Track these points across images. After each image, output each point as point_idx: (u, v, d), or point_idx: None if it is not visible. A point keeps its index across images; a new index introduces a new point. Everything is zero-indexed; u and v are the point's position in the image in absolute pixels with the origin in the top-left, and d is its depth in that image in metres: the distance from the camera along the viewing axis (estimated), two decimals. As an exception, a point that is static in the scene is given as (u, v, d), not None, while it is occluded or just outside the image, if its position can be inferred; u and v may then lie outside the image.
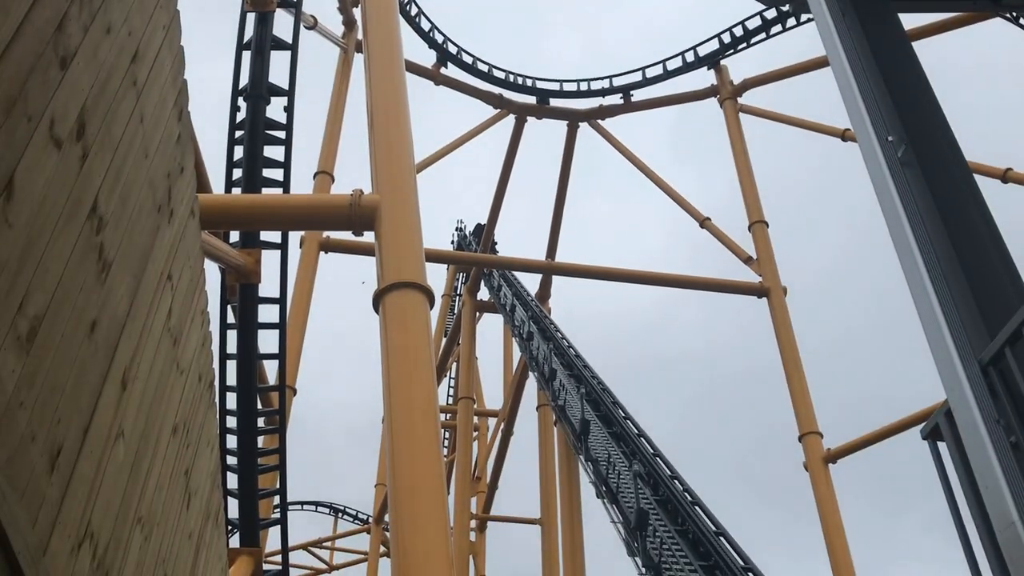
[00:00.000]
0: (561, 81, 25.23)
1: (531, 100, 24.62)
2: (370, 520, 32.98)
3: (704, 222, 23.42)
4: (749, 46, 24.44)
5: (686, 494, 15.44)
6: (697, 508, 14.96)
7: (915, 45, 5.45)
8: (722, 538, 14.07)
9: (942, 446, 3.86)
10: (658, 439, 17.47)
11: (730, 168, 23.97)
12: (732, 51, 24.81)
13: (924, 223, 4.04)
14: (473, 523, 27.77)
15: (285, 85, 11.56)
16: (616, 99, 25.14)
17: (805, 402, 19.50)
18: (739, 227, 23.06)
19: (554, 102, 24.75)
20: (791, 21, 23.16)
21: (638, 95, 25.28)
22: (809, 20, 22.22)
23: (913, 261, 3.84)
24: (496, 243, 30.14)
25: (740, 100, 24.83)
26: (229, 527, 10.81)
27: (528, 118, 24.43)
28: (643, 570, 13.29)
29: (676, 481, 15.95)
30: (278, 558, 13.31)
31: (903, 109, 4.50)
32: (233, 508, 10.92)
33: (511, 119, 24.48)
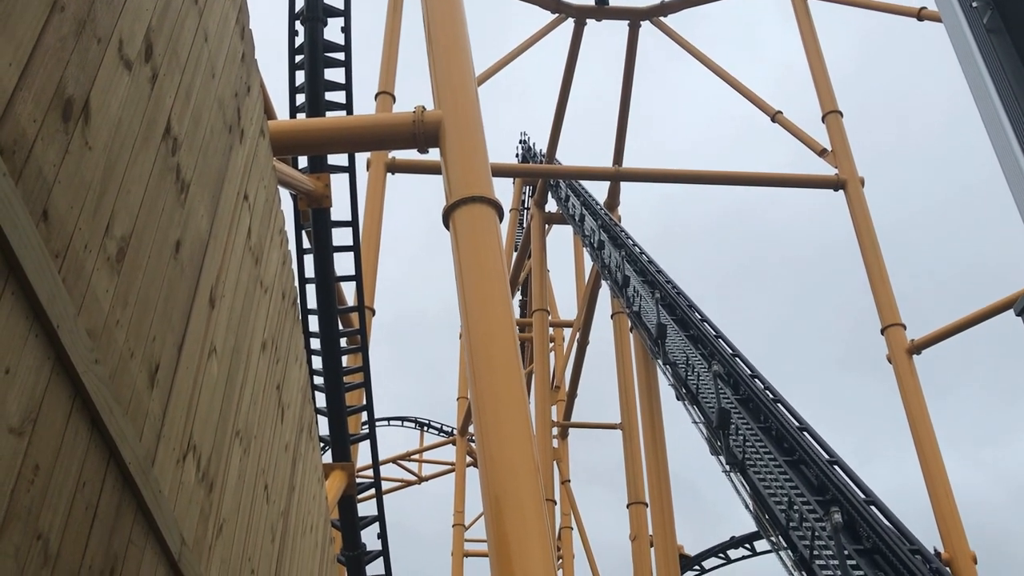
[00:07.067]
0: (619, -21, 24.43)
1: (589, 1, 23.92)
2: (455, 432, 33.86)
3: (775, 115, 22.73)
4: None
5: (767, 392, 15.40)
6: (779, 405, 14.92)
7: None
8: (806, 433, 14.04)
9: (1037, 323, 3.73)
10: (744, 339, 17.41)
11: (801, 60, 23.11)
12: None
13: (1015, 95, 3.83)
14: (555, 431, 28.27)
15: (340, 5, 11.45)
16: (678, -7, 24.28)
17: (887, 294, 19.10)
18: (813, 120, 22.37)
19: (613, 1, 24.02)
20: None
21: (701, -13, 24.36)
22: None
23: (1004, 134, 3.65)
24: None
25: (808, -15, 23.74)
26: (321, 444, 11.21)
27: (587, 20, 23.78)
28: (727, 467, 13.39)
29: (757, 380, 15.90)
30: (370, 472, 13.80)
31: (988, -28, 4.22)
32: (323, 428, 11.30)
33: (570, 23, 23.88)
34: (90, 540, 2.04)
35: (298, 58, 11.30)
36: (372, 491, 13.24)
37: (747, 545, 26.67)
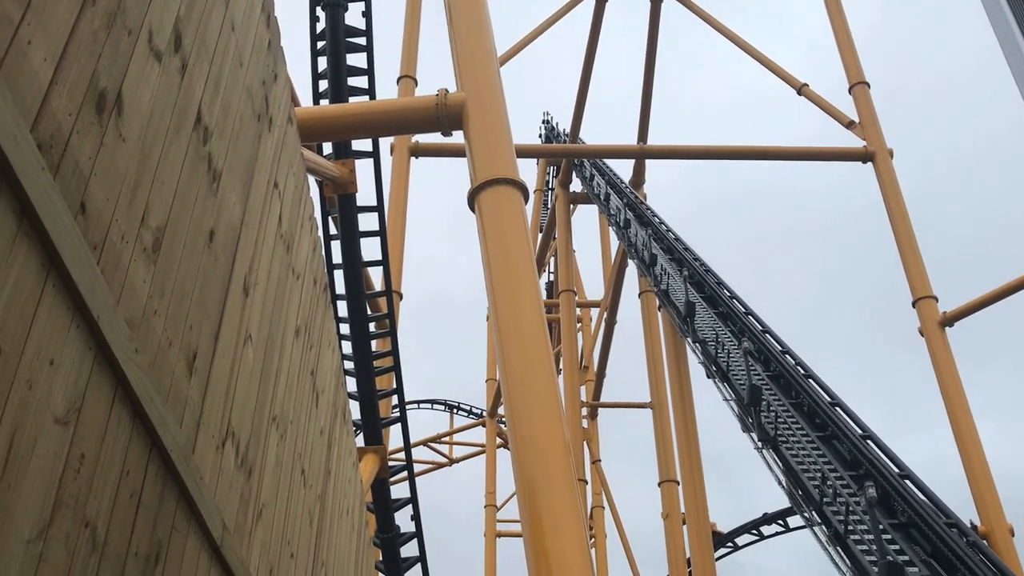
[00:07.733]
0: (640, -46, 24.14)
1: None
2: (484, 414, 34.00)
3: (802, 88, 22.44)
4: None
5: (798, 367, 15.30)
6: (811, 380, 14.83)
7: None
8: (838, 408, 13.95)
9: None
10: (774, 315, 17.33)
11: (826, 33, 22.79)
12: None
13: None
14: (584, 411, 28.29)
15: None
16: (700, -33, 23.99)
17: (917, 266, 18.88)
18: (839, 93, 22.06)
19: (634, -22, 23.76)
20: None
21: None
22: None
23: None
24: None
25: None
26: (353, 428, 11.29)
27: (608, -3, 23.54)
28: (759, 444, 13.34)
29: (787, 355, 15.80)
30: (401, 455, 13.90)
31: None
32: (355, 411, 11.39)
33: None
34: (135, 527, 2.07)
35: (320, 44, 11.32)
36: (404, 473, 13.35)
37: (780, 521, 26.61)
